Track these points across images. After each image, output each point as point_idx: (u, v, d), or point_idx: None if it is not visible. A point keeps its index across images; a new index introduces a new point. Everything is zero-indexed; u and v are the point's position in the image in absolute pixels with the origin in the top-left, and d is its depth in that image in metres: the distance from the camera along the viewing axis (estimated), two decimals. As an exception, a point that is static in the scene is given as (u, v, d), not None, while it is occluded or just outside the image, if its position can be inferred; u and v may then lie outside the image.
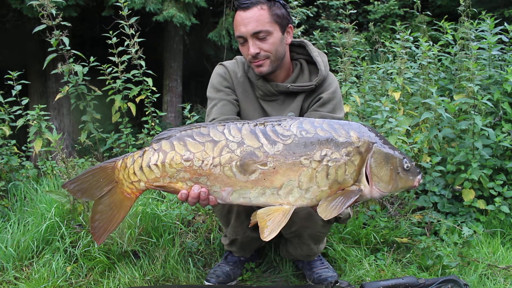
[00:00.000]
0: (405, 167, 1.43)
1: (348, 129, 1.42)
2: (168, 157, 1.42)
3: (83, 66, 2.80)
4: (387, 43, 3.50)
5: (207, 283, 1.91)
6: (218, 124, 1.44)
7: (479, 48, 2.89)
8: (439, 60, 3.30)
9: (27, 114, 2.72)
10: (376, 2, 6.85)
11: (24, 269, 2.04)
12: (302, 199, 1.38)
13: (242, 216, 1.82)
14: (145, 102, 2.97)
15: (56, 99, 3.09)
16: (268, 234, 1.35)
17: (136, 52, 2.88)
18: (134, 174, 1.46)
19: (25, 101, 2.83)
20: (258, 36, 1.69)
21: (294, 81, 1.84)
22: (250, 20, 1.68)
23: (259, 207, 1.42)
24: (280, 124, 1.42)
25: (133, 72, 2.92)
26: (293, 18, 3.61)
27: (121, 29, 2.88)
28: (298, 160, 1.36)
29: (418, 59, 3.07)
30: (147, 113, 3.01)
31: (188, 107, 3.03)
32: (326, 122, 1.44)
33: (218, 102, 1.83)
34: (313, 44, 3.98)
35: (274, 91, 1.82)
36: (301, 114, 1.83)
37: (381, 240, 2.20)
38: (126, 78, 2.92)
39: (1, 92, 2.88)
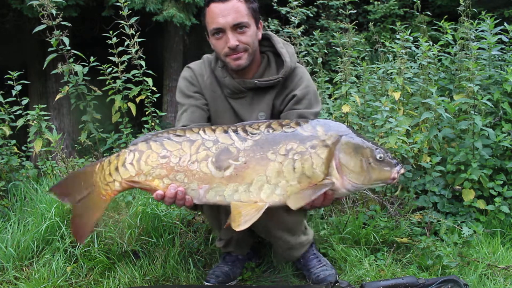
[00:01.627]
0: (377, 157, 1.42)
1: (315, 125, 1.46)
2: (144, 155, 1.47)
3: (83, 66, 2.81)
4: (387, 43, 3.50)
5: (206, 284, 1.91)
6: (194, 127, 1.50)
7: (479, 48, 2.89)
8: (439, 60, 3.30)
9: (27, 114, 2.72)
10: (376, 2, 6.85)
11: (24, 269, 2.05)
12: (273, 196, 1.41)
13: None
14: (145, 102, 2.97)
15: (56, 99, 3.09)
16: (239, 224, 1.39)
17: (136, 52, 2.88)
18: (109, 175, 1.49)
19: (25, 101, 2.83)
20: (237, 28, 1.67)
21: (261, 75, 1.81)
22: (229, 11, 1.65)
23: None
24: (251, 126, 1.48)
25: (133, 72, 2.92)
26: (292, 18, 3.61)
27: (121, 29, 2.88)
28: (265, 155, 1.41)
29: (418, 59, 3.07)
30: (147, 113, 3.01)
31: (188, 107, 3.03)
32: (294, 121, 1.49)
33: (187, 108, 1.81)
34: (313, 44, 3.99)
35: (242, 88, 1.79)
36: (273, 111, 1.80)
37: (381, 240, 2.20)
38: (126, 78, 2.92)
39: (1, 92, 2.88)
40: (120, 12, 2.91)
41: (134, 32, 2.89)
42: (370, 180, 1.44)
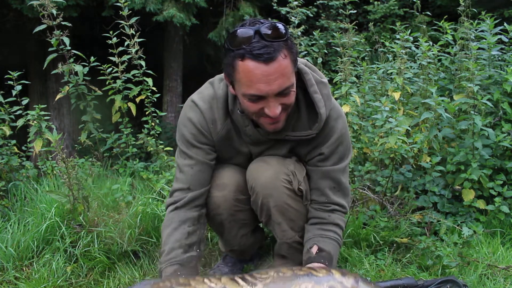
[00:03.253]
0: None
1: (328, 270, 1.30)
2: None
3: (83, 66, 2.81)
4: (387, 43, 3.50)
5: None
6: (198, 277, 1.30)
7: (479, 48, 2.89)
8: (439, 60, 3.30)
9: (27, 114, 2.72)
10: (376, 2, 6.85)
11: (24, 269, 2.05)
12: None
13: (233, 231, 1.76)
14: (145, 102, 2.98)
15: (56, 99, 3.09)
16: None
17: (136, 52, 2.88)
18: None
19: (25, 101, 2.83)
20: (282, 93, 1.35)
21: (289, 124, 1.53)
22: (275, 76, 1.30)
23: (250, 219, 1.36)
24: (258, 272, 1.31)
25: (133, 72, 2.92)
26: (292, 18, 3.61)
27: (121, 29, 2.88)
28: None
29: (418, 59, 3.07)
30: (147, 113, 3.02)
31: (188, 107, 3.03)
32: (306, 267, 1.33)
33: (194, 165, 1.57)
34: (313, 44, 3.99)
35: (263, 139, 1.57)
36: (293, 155, 1.63)
37: (381, 240, 2.20)
38: (126, 78, 2.93)
39: (1, 92, 2.89)
40: (120, 12, 2.91)
41: (134, 32, 2.89)
42: None
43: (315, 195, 1.64)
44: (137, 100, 2.95)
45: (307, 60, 3.51)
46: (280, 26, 1.34)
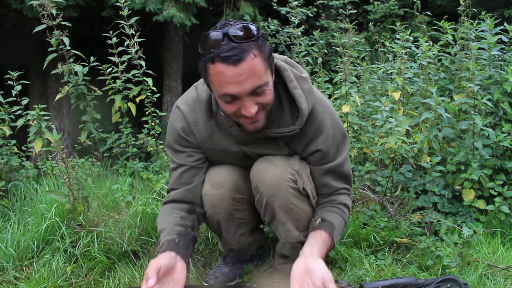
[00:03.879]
0: None
1: None
2: None
3: (83, 66, 2.81)
4: (387, 43, 3.50)
5: (206, 284, 1.91)
6: None
7: (479, 48, 2.89)
8: (439, 60, 3.30)
9: (27, 114, 2.72)
10: (376, 2, 6.85)
11: (24, 269, 2.04)
12: None
13: (231, 230, 1.77)
14: (145, 102, 2.98)
15: (56, 99, 3.09)
16: None
17: (136, 52, 2.89)
18: None
19: (25, 101, 2.83)
20: (256, 92, 1.36)
21: (273, 121, 1.54)
22: (245, 75, 1.31)
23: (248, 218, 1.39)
24: None
25: (133, 72, 2.92)
26: (292, 18, 3.61)
27: (121, 29, 2.88)
28: None
29: (418, 59, 3.07)
30: (147, 113, 3.02)
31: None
32: None
33: (177, 168, 1.63)
34: (313, 44, 3.99)
35: (251, 139, 1.58)
36: (288, 152, 1.63)
37: (381, 240, 2.20)
38: (126, 78, 2.93)
39: (1, 92, 2.89)
40: (120, 12, 2.92)
41: (134, 32, 2.90)
42: None
43: (319, 190, 1.67)
44: (137, 100, 2.95)
45: (307, 60, 3.53)
46: (251, 27, 1.35)
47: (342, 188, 1.68)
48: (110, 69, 2.89)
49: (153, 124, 3.03)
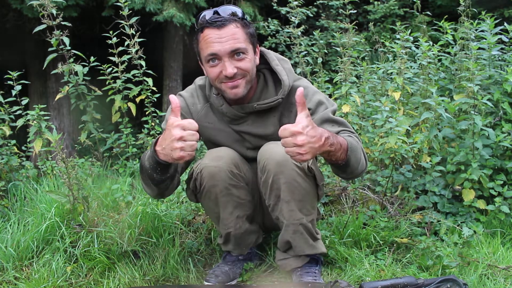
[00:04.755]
0: None
1: None
2: None
3: (83, 66, 2.81)
4: (387, 43, 3.50)
5: (206, 283, 1.91)
6: None
7: (479, 48, 2.89)
8: (439, 60, 3.30)
9: (27, 114, 2.72)
10: (376, 2, 6.85)
11: (24, 269, 2.04)
12: None
13: (228, 208, 1.81)
14: (145, 102, 2.98)
15: (56, 99, 3.09)
16: None
17: (136, 52, 2.89)
18: None
19: (25, 101, 2.83)
20: (235, 55, 1.59)
21: (259, 97, 1.74)
22: (226, 37, 1.57)
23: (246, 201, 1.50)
24: None
25: (133, 72, 2.92)
26: (292, 18, 3.61)
27: (121, 29, 2.88)
28: None
29: (418, 59, 3.07)
30: (147, 113, 3.02)
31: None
32: None
33: None
34: (313, 44, 3.99)
35: (241, 114, 1.74)
36: None
37: (381, 240, 2.20)
38: (126, 78, 2.93)
39: (1, 92, 2.89)
40: (120, 12, 2.92)
41: (134, 32, 2.90)
42: None
43: None
44: (137, 100, 2.95)
45: (307, 60, 3.54)
46: (238, 10, 1.65)
47: (341, 131, 1.68)
48: (110, 69, 2.89)
49: (153, 124, 3.03)
